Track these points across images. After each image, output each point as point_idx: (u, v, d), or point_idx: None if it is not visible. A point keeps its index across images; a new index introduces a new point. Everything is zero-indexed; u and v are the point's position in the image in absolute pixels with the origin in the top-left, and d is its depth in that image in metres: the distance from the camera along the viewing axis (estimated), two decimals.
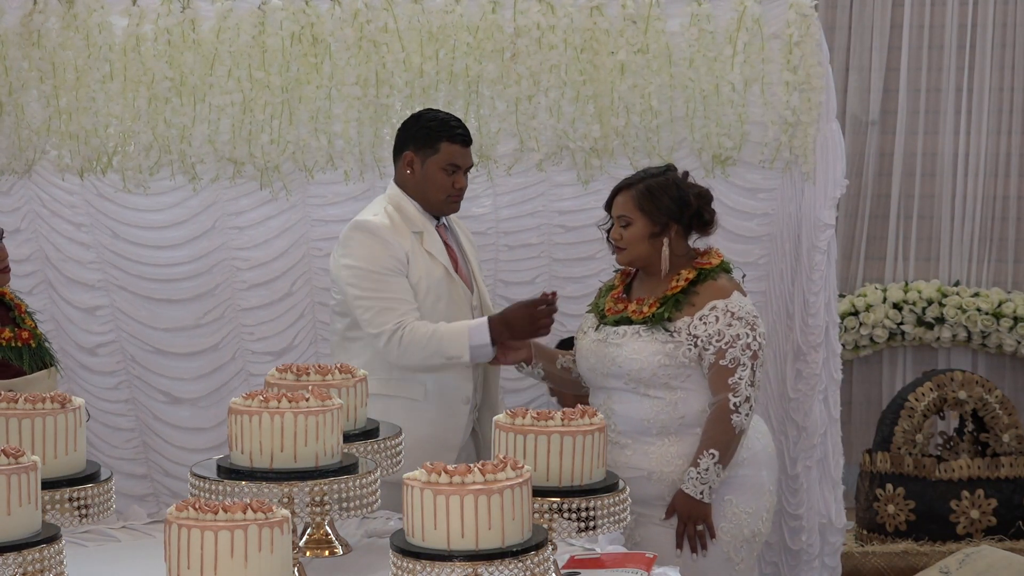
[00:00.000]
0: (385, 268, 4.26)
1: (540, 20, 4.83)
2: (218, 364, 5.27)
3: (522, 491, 2.82)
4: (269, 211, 5.15)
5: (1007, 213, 7.16)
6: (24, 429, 3.13)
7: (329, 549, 3.44)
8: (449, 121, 4.41)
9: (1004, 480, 5.97)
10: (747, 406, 4.06)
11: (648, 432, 4.11)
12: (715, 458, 4.02)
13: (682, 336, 4.06)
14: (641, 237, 4.14)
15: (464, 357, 4.22)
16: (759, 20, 4.84)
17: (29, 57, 4.82)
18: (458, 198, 4.42)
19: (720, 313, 4.06)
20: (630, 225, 4.15)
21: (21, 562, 2.75)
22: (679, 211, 4.14)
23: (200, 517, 2.62)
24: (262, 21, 4.82)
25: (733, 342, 4.04)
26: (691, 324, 4.06)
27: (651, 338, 4.08)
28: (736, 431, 4.05)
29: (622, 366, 4.10)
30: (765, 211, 5.10)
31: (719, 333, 4.04)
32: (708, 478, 4.03)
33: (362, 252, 4.28)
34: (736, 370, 4.04)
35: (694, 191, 4.19)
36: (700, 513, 4.05)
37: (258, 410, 3.10)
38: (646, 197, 4.13)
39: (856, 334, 6.96)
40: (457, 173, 4.38)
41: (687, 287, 4.11)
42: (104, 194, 5.10)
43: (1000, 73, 7.10)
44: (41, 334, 4.27)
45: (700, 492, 4.03)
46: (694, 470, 4.03)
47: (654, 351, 4.07)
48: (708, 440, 4.05)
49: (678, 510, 4.07)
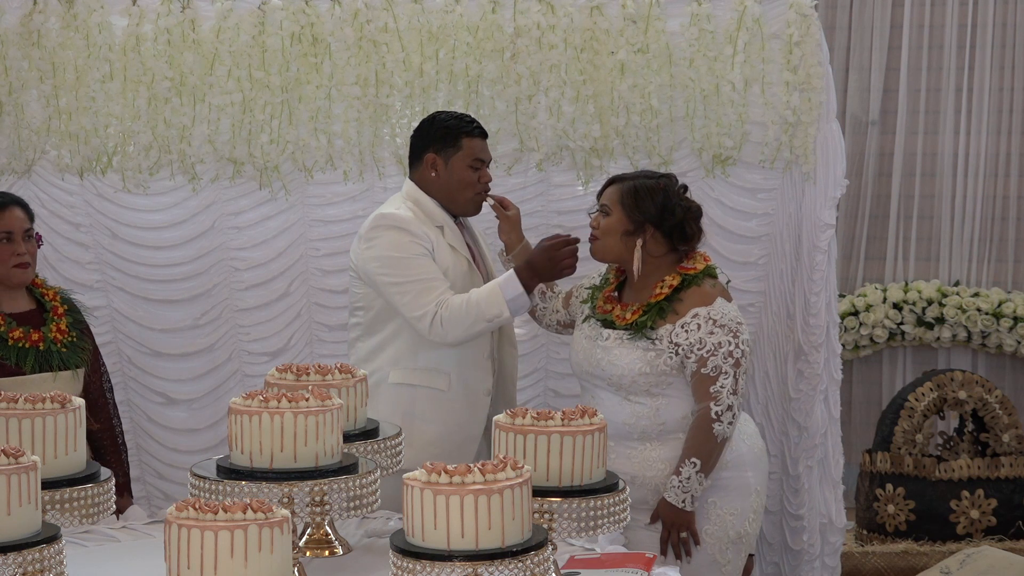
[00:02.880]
0: (414, 253, 4.27)
1: (540, 20, 4.83)
2: (214, 365, 5.27)
3: (522, 491, 2.82)
4: (268, 211, 5.15)
5: (1007, 213, 7.16)
6: (24, 429, 3.13)
7: (329, 549, 3.43)
8: (464, 117, 4.45)
9: (1004, 480, 5.97)
10: (729, 414, 4.03)
11: (630, 436, 4.11)
12: (696, 467, 4.01)
13: (663, 344, 4.06)
14: (614, 230, 4.15)
15: (505, 313, 4.21)
16: (759, 20, 4.84)
17: (29, 57, 4.83)
18: (485, 194, 4.44)
19: (702, 321, 4.05)
20: (608, 216, 4.17)
21: (21, 562, 2.75)
22: (659, 216, 4.13)
23: (200, 517, 2.62)
24: (262, 21, 4.82)
25: (715, 350, 4.03)
26: (672, 332, 4.06)
27: (633, 345, 4.08)
28: (718, 440, 4.04)
29: (605, 370, 4.11)
30: (765, 211, 5.10)
31: (700, 341, 4.03)
32: (690, 487, 4.02)
33: (388, 241, 4.29)
34: (718, 378, 4.03)
35: (683, 204, 4.18)
36: (683, 521, 4.05)
37: (258, 410, 3.10)
38: (630, 194, 4.15)
39: (856, 334, 6.96)
40: (482, 168, 4.41)
41: (671, 294, 4.10)
42: (103, 194, 5.10)
43: (1000, 73, 7.10)
44: (75, 336, 4.28)
45: (682, 501, 4.03)
46: (676, 479, 4.02)
47: (635, 358, 4.07)
48: (690, 449, 4.04)
49: (662, 517, 4.07)
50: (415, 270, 4.26)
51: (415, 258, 4.27)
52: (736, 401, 4.05)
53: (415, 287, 4.24)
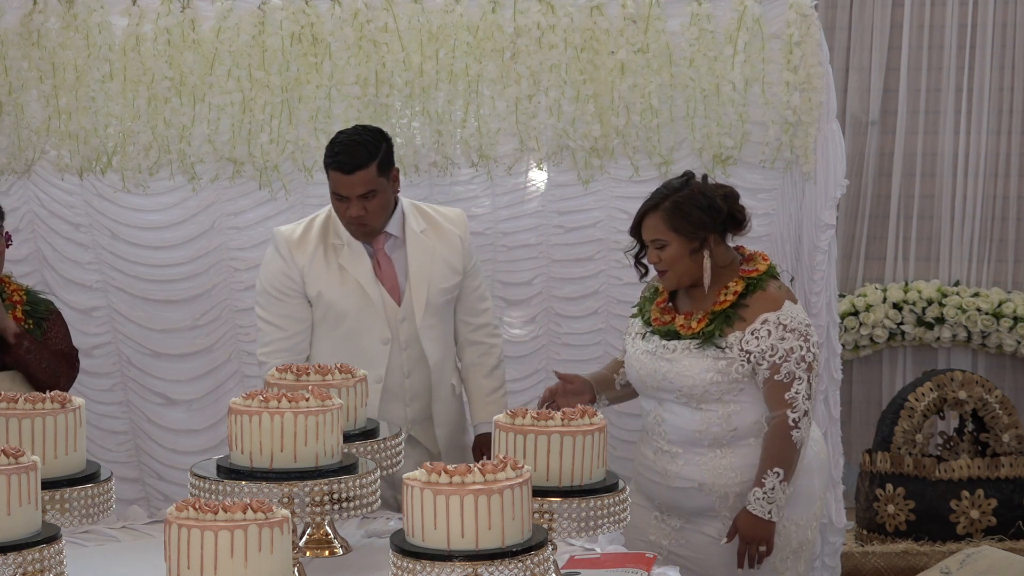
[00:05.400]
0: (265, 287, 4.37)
1: (540, 20, 4.82)
2: (214, 365, 5.26)
3: (522, 491, 2.82)
4: (268, 211, 5.15)
5: (1007, 213, 7.16)
6: (24, 429, 3.13)
7: (329, 549, 3.44)
8: (333, 147, 4.17)
9: (1004, 480, 5.97)
10: (806, 420, 3.94)
11: (700, 443, 4.01)
12: (780, 476, 3.91)
13: (734, 352, 3.93)
14: (681, 256, 3.97)
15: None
16: (759, 20, 4.84)
17: (29, 57, 4.82)
18: (356, 225, 4.20)
19: (772, 327, 3.93)
20: (666, 247, 3.97)
21: (21, 562, 2.75)
22: (712, 220, 3.97)
23: (200, 517, 2.62)
24: (262, 21, 4.82)
25: (787, 356, 3.91)
26: (743, 339, 3.93)
27: (702, 355, 3.95)
28: (797, 446, 3.94)
29: (673, 381, 3.98)
30: (766, 211, 5.09)
31: (772, 348, 3.91)
32: (775, 497, 3.92)
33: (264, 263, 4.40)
34: (792, 384, 3.92)
35: (720, 193, 4.03)
36: (765, 533, 3.94)
37: (258, 410, 3.10)
38: (677, 215, 3.95)
39: (856, 334, 6.96)
40: (348, 201, 4.15)
41: (736, 300, 3.97)
42: (103, 194, 5.10)
43: (1000, 73, 7.10)
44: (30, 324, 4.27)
45: (768, 512, 3.92)
46: (759, 490, 3.92)
47: (706, 368, 3.95)
48: (771, 459, 3.92)
49: (741, 530, 3.95)
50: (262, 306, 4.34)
51: (262, 294, 4.33)
52: (810, 405, 3.95)
53: (259, 323, 4.35)
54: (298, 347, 4.29)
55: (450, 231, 4.38)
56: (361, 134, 4.21)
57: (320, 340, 4.33)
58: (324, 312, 4.29)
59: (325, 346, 4.30)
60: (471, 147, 4.93)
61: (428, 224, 4.37)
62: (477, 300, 4.46)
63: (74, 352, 4.43)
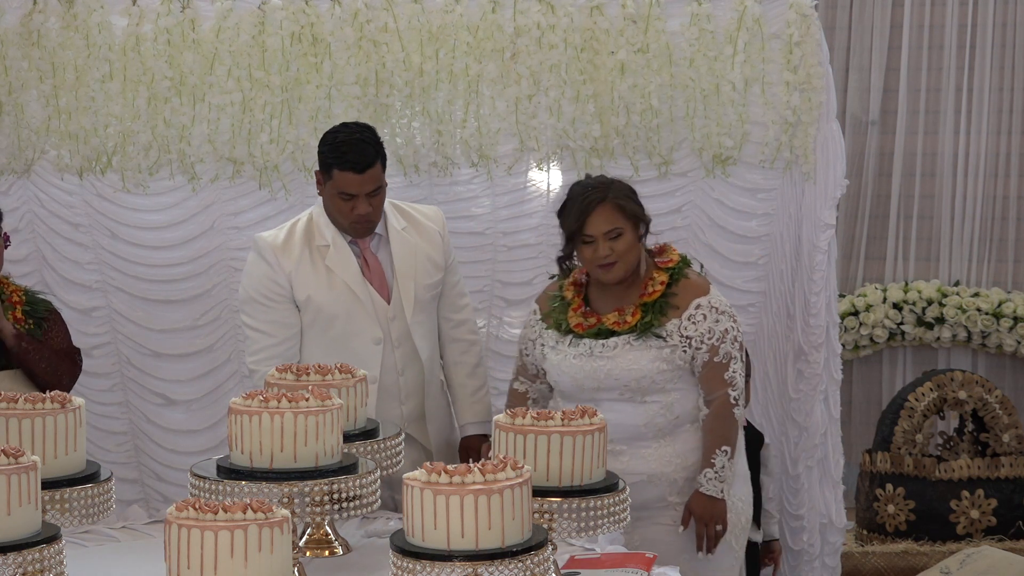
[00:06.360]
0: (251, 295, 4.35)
1: (540, 20, 4.82)
2: (213, 365, 5.25)
3: (522, 491, 2.82)
4: (268, 211, 5.14)
5: (1007, 213, 7.16)
6: (24, 429, 3.13)
7: (329, 549, 3.44)
8: (340, 148, 4.17)
9: (1004, 480, 5.97)
10: (743, 398, 4.11)
11: (644, 437, 4.09)
12: (728, 454, 4.04)
13: (675, 339, 4.05)
14: (632, 245, 4.06)
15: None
16: (759, 20, 4.84)
17: (29, 57, 4.82)
18: (363, 223, 4.23)
19: (706, 311, 4.06)
20: (621, 236, 4.03)
21: (21, 562, 2.75)
22: (643, 209, 4.11)
23: (200, 517, 2.62)
24: (262, 21, 4.82)
25: (723, 337, 4.05)
26: (681, 326, 4.05)
27: (645, 346, 4.05)
28: (740, 423, 4.09)
29: (619, 378, 4.06)
30: (765, 211, 5.09)
31: (709, 331, 4.05)
32: (724, 475, 4.04)
33: (247, 269, 4.38)
34: (729, 364, 4.06)
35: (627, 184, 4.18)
36: (719, 511, 4.04)
37: (258, 410, 3.10)
38: (628, 203, 4.05)
39: (856, 334, 6.96)
40: (352, 200, 4.19)
41: (664, 290, 4.08)
42: (103, 194, 5.10)
43: (1000, 73, 7.10)
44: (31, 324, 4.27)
45: (720, 491, 4.03)
46: (711, 471, 4.03)
47: (652, 358, 4.04)
48: (717, 438, 4.05)
49: (696, 513, 4.04)
50: (249, 314, 4.32)
51: (248, 302, 4.31)
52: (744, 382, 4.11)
53: (246, 331, 4.34)
54: (288, 353, 4.28)
55: (430, 227, 4.40)
56: (361, 132, 4.23)
57: (310, 345, 4.31)
58: (314, 316, 4.28)
59: (316, 351, 4.27)
60: (471, 147, 4.94)
61: (408, 222, 4.39)
62: (457, 296, 4.49)
63: (75, 351, 4.43)
